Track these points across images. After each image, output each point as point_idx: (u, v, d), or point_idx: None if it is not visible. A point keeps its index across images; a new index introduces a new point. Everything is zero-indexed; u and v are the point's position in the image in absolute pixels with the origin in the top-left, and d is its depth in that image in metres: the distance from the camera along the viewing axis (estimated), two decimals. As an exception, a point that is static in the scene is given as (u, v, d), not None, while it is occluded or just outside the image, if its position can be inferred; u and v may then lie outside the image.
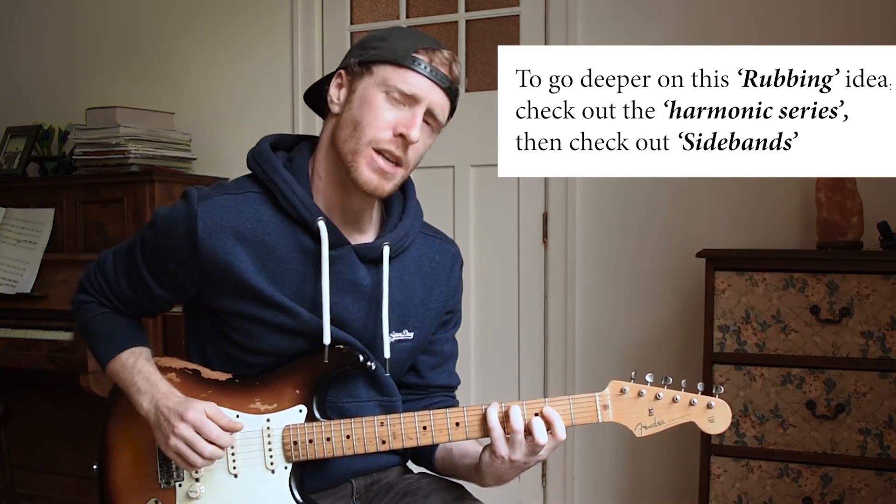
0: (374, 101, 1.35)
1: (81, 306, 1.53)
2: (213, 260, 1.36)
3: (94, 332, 1.50)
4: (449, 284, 1.54)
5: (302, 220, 1.38)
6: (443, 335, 1.57)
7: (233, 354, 1.43)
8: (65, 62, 3.62)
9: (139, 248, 1.45)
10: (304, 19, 3.22)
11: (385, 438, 1.37)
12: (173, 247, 1.39)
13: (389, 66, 1.35)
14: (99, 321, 1.50)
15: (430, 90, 1.36)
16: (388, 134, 1.35)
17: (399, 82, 1.35)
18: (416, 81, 1.35)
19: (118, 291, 1.49)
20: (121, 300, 1.50)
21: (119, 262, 1.50)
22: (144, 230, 1.46)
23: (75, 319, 1.56)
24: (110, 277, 1.50)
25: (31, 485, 3.18)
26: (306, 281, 1.39)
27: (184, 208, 1.38)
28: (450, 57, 1.39)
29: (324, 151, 1.42)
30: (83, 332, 1.54)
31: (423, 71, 1.35)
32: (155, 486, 1.41)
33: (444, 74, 1.37)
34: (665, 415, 1.35)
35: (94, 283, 1.51)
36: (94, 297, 1.51)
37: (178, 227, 1.38)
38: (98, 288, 1.51)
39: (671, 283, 2.73)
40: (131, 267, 1.47)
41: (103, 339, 1.49)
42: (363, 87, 1.37)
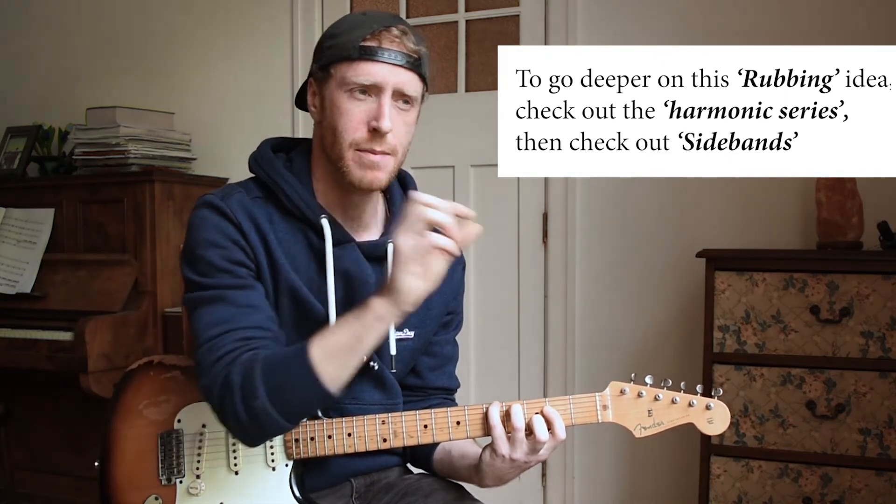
0: (341, 105, 1.35)
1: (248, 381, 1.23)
2: (258, 249, 1.36)
3: (274, 366, 1.25)
4: (451, 285, 1.54)
5: (306, 218, 1.39)
6: (443, 336, 1.57)
7: None
8: (65, 62, 3.62)
9: (213, 279, 1.32)
10: (304, 19, 3.22)
11: (386, 436, 1.37)
12: (234, 241, 1.33)
13: (343, 63, 1.34)
14: (268, 358, 1.26)
15: (388, 73, 1.33)
16: (363, 132, 1.34)
17: (355, 77, 1.33)
18: (371, 70, 1.33)
19: (240, 322, 1.30)
20: (257, 326, 1.31)
21: (213, 316, 1.31)
22: (199, 267, 1.33)
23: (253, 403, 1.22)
24: (223, 323, 1.30)
25: (31, 485, 3.18)
26: (315, 277, 1.40)
27: (212, 210, 1.36)
28: (399, 32, 1.35)
29: (318, 154, 1.44)
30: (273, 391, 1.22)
31: (375, 58, 1.32)
32: (156, 483, 1.42)
33: (398, 52, 1.34)
34: (664, 416, 1.36)
35: (222, 349, 1.27)
36: (238, 353, 1.27)
37: (223, 224, 1.35)
38: (231, 342, 1.28)
39: (671, 283, 2.73)
40: (222, 293, 1.32)
41: (285, 357, 1.26)
42: (329, 91, 1.37)
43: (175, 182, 3.00)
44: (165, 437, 1.42)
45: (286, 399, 1.23)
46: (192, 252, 1.36)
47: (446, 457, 1.50)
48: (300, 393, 1.23)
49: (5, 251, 3.04)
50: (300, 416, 1.30)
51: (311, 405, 1.28)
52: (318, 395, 1.23)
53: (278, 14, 3.25)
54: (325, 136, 1.39)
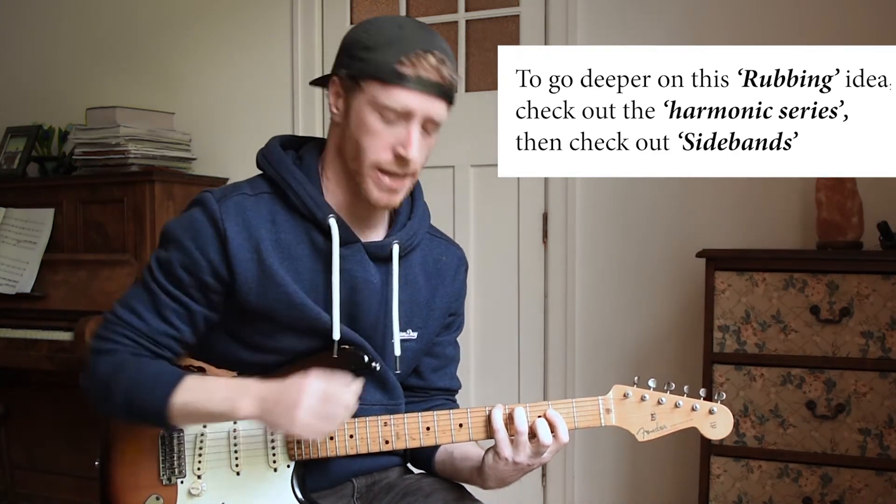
0: (369, 124, 1.33)
1: (114, 374, 1.34)
2: (243, 257, 1.35)
3: (138, 380, 1.33)
4: (454, 287, 1.54)
5: (313, 217, 1.39)
6: (445, 338, 1.57)
7: (239, 357, 1.42)
8: (65, 62, 3.62)
9: (161, 274, 1.36)
10: (304, 19, 3.22)
11: (388, 438, 1.37)
12: (203, 253, 1.34)
13: (376, 83, 1.31)
14: (139, 366, 1.34)
15: (421, 103, 1.31)
16: (388, 155, 1.34)
17: (388, 101, 1.31)
18: (405, 99, 1.30)
19: (149, 331, 1.36)
20: (156, 340, 1.36)
21: (136, 303, 1.37)
22: (159, 253, 1.38)
23: (107, 391, 1.34)
24: (134, 322, 1.36)
25: (31, 485, 3.18)
26: (318, 278, 1.39)
27: (204, 212, 1.36)
28: (438, 59, 1.31)
29: (332, 154, 1.42)
30: (125, 394, 1.33)
31: (411, 86, 1.30)
32: (156, 483, 1.41)
33: (435, 82, 1.31)
34: (667, 419, 1.36)
35: (117, 337, 1.36)
36: (122, 353, 1.35)
37: (205, 231, 1.35)
38: (123, 340, 1.35)
39: (671, 283, 2.73)
40: (158, 297, 1.36)
41: (152, 380, 1.33)
42: (357, 104, 1.34)
43: (175, 182, 3.00)
44: (166, 436, 1.42)
45: (134, 413, 1.35)
46: (166, 240, 1.38)
47: (448, 458, 1.50)
48: (147, 418, 1.35)
49: (5, 251, 3.04)
50: (143, 423, 1.38)
51: (153, 424, 1.38)
52: (162, 426, 1.37)
53: (278, 14, 3.25)
54: (347, 145, 1.37)
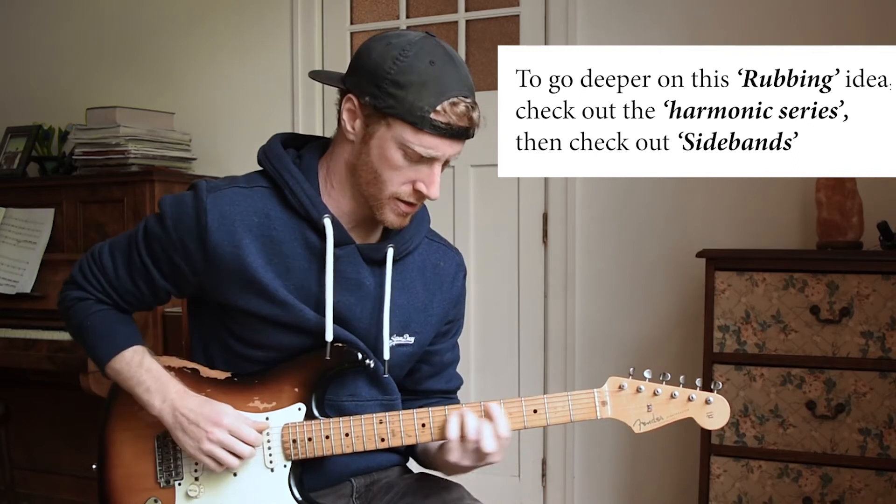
0: (392, 160, 1.33)
1: (76, 303, 1.47)
2: (221, 252, 1.36)
3: (92, 329, 1.45)
4: (452, 292, 1.53)
5: (308, 216, 1.39)
6: (442, 346, 1.56)
7: (235, 349, 1.43)
8: (65, 62, 3.62)
9: (142, 239, 1.43)
10: (304, 19, 3.22)
11: (384, 436, 1.37)
12: (181, 238, 1.38)
13: (406, 125, 1.30)
14: (97, 318, 1.45)
15: (449, 147, 1.33)
16: (408, 189, 1.35)
17: (417, 145, 1.31)
18: (436, 145, 1.31)
19: (118, 284, 1.45)
20: (121, 294, 1.45)
21: (118, 254, 1.45)
22: (149, 220, 1.43)
23: (66, 317, 1.48)
24: (108, 270, 1.45)
25: (31, 485, 3.18)
26: (310, 278, 1.39)
27: (193, 200, 1.38)
28: (469, 106, 1.32)
29: (341, 168, 1.41)
30: (78, 331, 1.47)
31: (442, 134, 1.30)
32: (154, 485, 1.41)
33: (464, 128, 1.32)
34: (663, 410, 1.35)
35: (91, 277, 1.46)
36: (90, 293, 1.46)
37: (186, 219, 1.38)
38: (95, 282, 1.46)
39: (671, 283, 2.73)
40: (133, 258, 1.43)
41: (103, 337, 1.44)
42: (380, 136, 1.33)
43: (175, 182, 3.00)
44: (163, 438, 1.42)
45: (82, 346, 1.50)
46: (159, 212, 1.42)
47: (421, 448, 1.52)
48: (91, 353, 1.48)
49: (5, 251, 3.03)
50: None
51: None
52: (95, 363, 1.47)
53: (278, 14, 3.25)
54: (362, 169, 1.37)
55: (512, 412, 1.35)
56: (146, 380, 1.39)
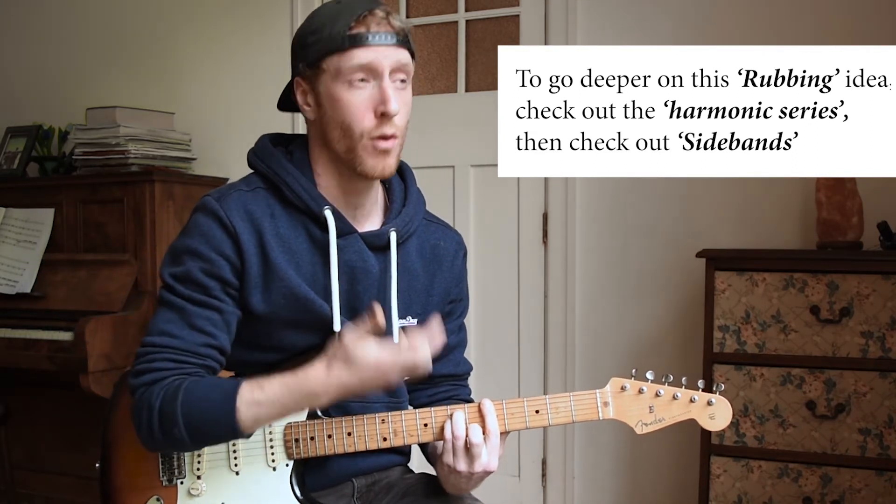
0: (342, 97, 1.34)
1: (162, 396, 1.29)
2: (250, 252, 1.36)
3: (198, 402, 1.28)
4: (452, 272, 1.53)
5: (309, 210, 1.39)
6: (447, 326, 1.55)
7: (237, 356, 1.42)
8: (65, 62, 3.62)
9: (185, 287, 1.34)
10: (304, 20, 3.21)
11: (386, 435, 1.37)
12: (221, 253, 1.34)
13: (334, 55, 1.33)
14: (195, 391, 1.29)
15: (383, 55, 1.33)
16: (371, 120, 1.35)
17: (351, 63, 1.33)
18: (366, 56, 1.32)
19: (190, 344, 1.33)
20: (197, 353, 1.33)
21: (168, 323, 1.34)
22: (174, 270, 1.35)
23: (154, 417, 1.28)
24: (170, 342, 1.32)
25: (31, 485, 3.18)
26: (318, 271, 1.40)
27: (209, 215, 1.36)
28: (383, 13, 1.35)
29: (318, 150, 1.43)
30: (184, 417, 1.27)
31: (367, 43, 1.32)
32: (157, 484, 1.41)
33: (387, 32, 1.34)
34: (666, 412, 1.36)
35: (158, 359, 1.32)
36: (167, 374, 1.31)
37: (214, 233, 1.35)
38: (165, 360, 1.32)
39: (671, 283, 2.73)
40: (186, 310, 1.33)
41: (214, 398, 1.29)
42: (324, 87, 1.36)
43: (175, 182, 3.00)
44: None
45: (203, 433, 1.30)
46: (177, 255, 1.37)
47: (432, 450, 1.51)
48: (216, 431, 1.30)
49: (5, 251, 3.03)
50: (213, 444, 1.37)
51: (225, 441, 1.37)
52: (234, 437, 1.32)
53: (278, 14, 3.24)
54: (329, 131, 1.38)
55: (514, 412, 1.36)
56: (286, 394, 1.29)
